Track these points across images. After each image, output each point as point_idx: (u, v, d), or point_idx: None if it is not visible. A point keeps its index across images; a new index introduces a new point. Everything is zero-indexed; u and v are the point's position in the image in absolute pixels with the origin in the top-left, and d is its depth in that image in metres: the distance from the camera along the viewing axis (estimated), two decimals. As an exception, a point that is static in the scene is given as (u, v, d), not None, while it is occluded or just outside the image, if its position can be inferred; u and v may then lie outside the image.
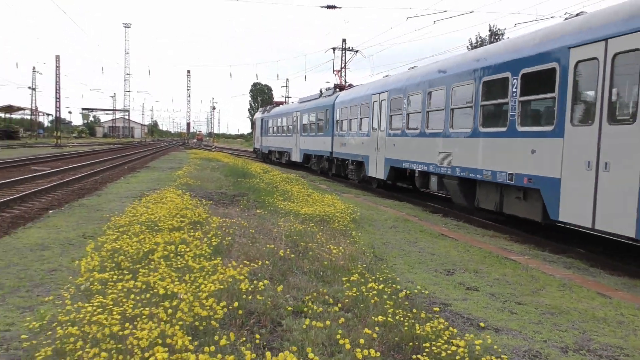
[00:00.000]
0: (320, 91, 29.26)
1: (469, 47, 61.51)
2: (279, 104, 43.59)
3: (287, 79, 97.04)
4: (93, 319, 3.87)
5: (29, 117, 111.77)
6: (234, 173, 22.24)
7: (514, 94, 11.13)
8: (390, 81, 19.14)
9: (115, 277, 5.21)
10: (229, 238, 7.73)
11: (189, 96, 75.49)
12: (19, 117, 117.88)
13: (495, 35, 59.91)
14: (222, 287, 4.99)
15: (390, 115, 18.21)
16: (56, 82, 55.89)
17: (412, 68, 18.47)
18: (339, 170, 25.11)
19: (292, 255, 7.25)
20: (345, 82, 43.12)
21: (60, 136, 59.28)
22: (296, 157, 31.38)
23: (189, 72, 73.57)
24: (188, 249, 6.19)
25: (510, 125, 11.27)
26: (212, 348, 3.63)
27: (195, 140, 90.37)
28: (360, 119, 21.26)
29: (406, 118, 16.96)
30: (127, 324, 3.85)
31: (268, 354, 3.48)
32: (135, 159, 38.26)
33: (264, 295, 5.25)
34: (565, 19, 10.70)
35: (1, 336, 4.60)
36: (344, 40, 68.45)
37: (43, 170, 24.79)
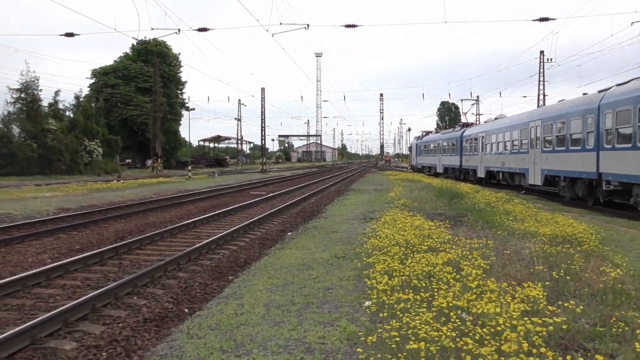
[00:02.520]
0: (454, 127, 49.22)
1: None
2: (427, 133, 61.01)
3: (478, 96, 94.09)
4: (431, 334, 4.10)
5: (232, 145, 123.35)
6: (444, 193, 22.21)
7: (516, 140, 27.97)
8: (485, 125, 37.03)
9: (410, 296, 5.47)
10: (493, 258, 7.71)
11: (382, 118, 77.35)
12: (224, 146, 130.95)
13: None
14: (527, 308, 5.00)
15: (485, 144, 34.16)
16: (262, 112, 60.92)
17: (500, 117, 36.55)
18: (464, 176, 40.08)
19: (568, 277, 6.99)
20: (544, 95, 59.31)
21: (266, 162, 64.27)
22: (440, 170, 47.65)
23: (381, 95, 75.44)
24: (468, 269, 6.31)
25: (517, 150, 27.44)
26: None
27: (383, 161, 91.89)
28: (474, 145, 37.15)
29: (490, 146, 33.03)
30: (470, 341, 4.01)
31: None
32: (336, 182, 40.11)
33: (563, 316, 5.14)
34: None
35: (322, 348, 5.07)
36: (541, 52, 65.12)
37: (261, 195, 27.15)
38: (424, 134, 61.41)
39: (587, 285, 7.01)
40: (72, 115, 55.18)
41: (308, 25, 25.24)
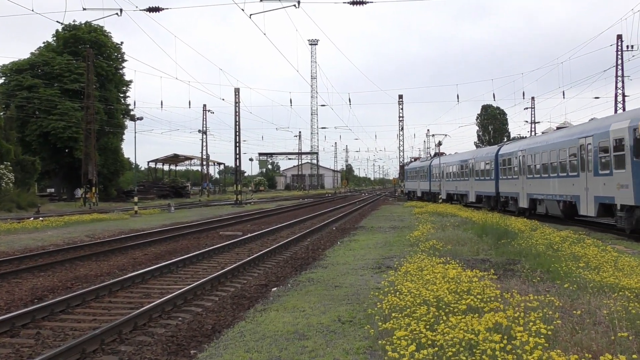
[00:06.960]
0: (429, 155, 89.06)
1: None
2: (416, 159, 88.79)
3: (533, 98, 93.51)
4: None
5: (195, 167, 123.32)
6: (488, 232, 22.25)
7: (463, 171, 52.14)
8: (446, 157, 60.15)
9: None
10: (558, 321, 7.69)
11: (402, 129, 77.60)
12: (183, 168, 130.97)
13: None
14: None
15: (445, 173, 57.66)
16: (236, 121, 60.63)
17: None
18: (432, 197, 62.61)
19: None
20: (623, 95, 70.47)
21: (242, 191, 64.33)
22: (419, 194, 70.38)
23: (400, 97, 75.88)
24: (524, 337, 6.30)
25: (462, 178, 51.89)
26: None
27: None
28: (439, 173, 59.61)
29: (448, 174, 56.55)
30: None
31: None
32: (338, 217, 40.21)
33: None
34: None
35: None
36: (619, 37, 65.86)
37: (235, 236, 27.16)
38: (412, 160, 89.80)
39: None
40: (-28, 128, 55.38)
41: (299, 2, 25.37)
